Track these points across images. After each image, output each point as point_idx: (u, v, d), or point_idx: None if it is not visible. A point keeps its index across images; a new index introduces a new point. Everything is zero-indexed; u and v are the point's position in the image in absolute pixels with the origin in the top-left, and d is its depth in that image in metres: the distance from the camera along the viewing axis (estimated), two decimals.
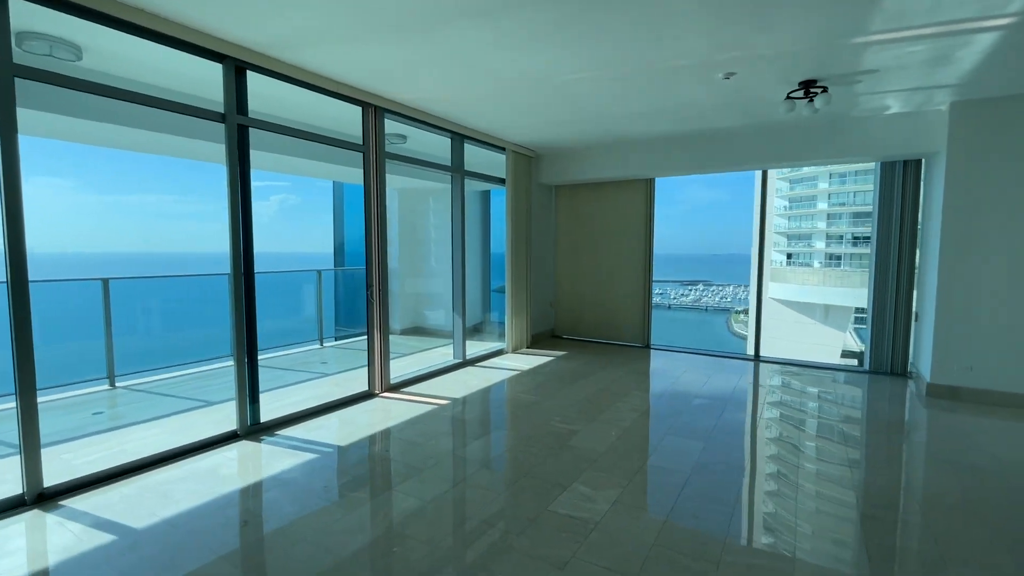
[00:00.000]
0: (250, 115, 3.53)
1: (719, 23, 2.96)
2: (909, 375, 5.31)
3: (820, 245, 38.25)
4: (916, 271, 5.23)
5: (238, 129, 3.45)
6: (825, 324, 31.54)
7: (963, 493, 2.81)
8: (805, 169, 36.01)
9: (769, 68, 3.66)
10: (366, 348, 4.60)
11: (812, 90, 3.95)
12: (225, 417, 3.92)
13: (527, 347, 6.71)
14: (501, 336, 6.72)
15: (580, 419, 4.01)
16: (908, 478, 3.08)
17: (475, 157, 5.96)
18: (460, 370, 5.58)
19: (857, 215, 36.40)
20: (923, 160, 5.11)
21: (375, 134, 4.49)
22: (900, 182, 5.23)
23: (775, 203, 39.84)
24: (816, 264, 38.19)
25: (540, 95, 4.36)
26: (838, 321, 31.35)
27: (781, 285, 34.40)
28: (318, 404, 4.18)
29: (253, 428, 3.65)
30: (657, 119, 5.14)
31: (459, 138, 5.62)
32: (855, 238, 36.79)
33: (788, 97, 4.10)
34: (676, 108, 4.72)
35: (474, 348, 6.21)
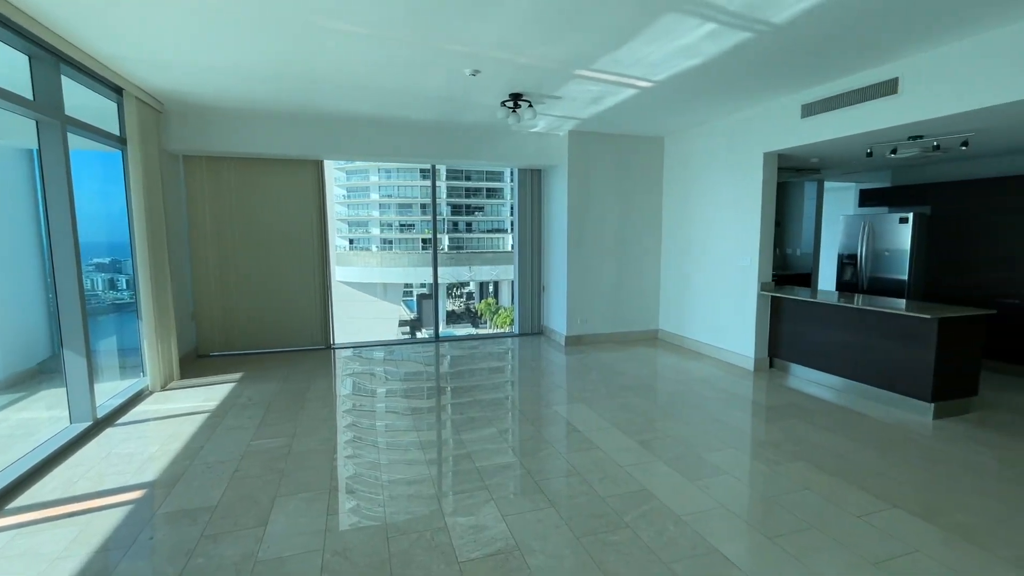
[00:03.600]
0: None
1: (528, 23, 3.05)
2: (542, 332, 7.07)
3: (376, 231, 43.14)
4: (541, 254, 6.95)
5: None
6: (385, 300, 36.56)
7: (620, 385, 4.16)
8: (358, 162, 39.64)
9: (506, 74, 4.01)
10: None
11: (519, 102, 4.58)
12: None
13: (179, 378, 4.81)
14: (120, 370, 4.56)
15: (363, 456, 3.37)
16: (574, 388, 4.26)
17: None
18: (99, 438, 3.48)
19: (402, 206, 42.90)
20: (542, 170, 6.79)
21: None
22: (529, 186, 6.78)
23: (335, 192, 42.15)
24: (374, 248, 42.97)
25: (259, 24, 3.19)
26: (394, 296, 37.02)
27: (347, 268, 37.26)
28: None
29: None
30: (363, 96, 4.65)
31: (51, 58, 3.33)
32: (402, 225, 43.35)
33: (503, 105, 4.60)
34: (394, 90, 4.43)
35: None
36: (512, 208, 6.94)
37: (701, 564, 2.15)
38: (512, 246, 7.05)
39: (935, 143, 4.23)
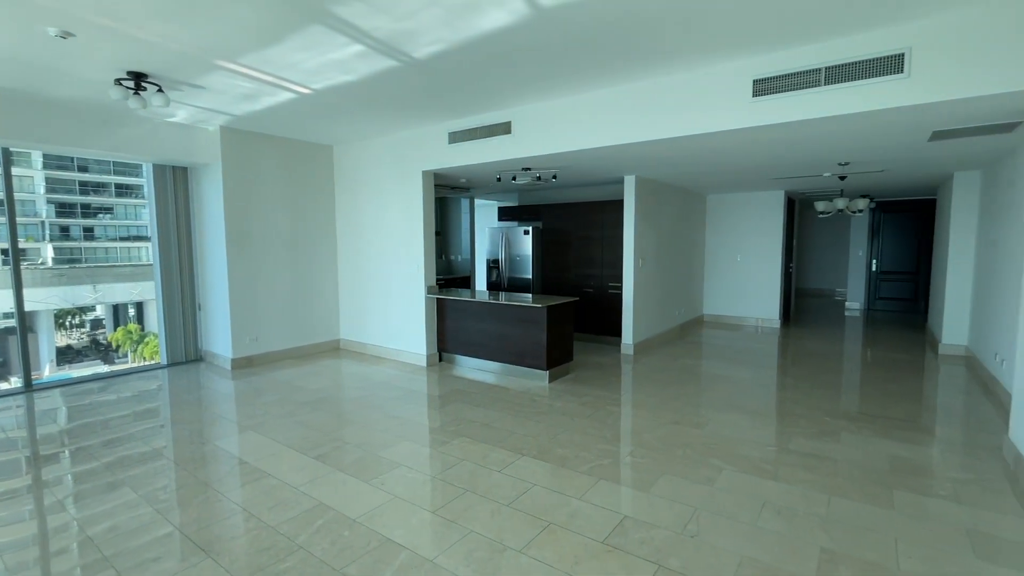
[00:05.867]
0: None
1: None
2: (202, 359, 6.01)
3: None
4: (195, 266, 5.91)
5: None
6: None
7: (303, 402, 4.12)
8: None
9: (118, 47, 3.24)
10: None
11: (143, 84, 3.77)
12: None
13: None
14: None
15: None
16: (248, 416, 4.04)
17: None
18: None
19: None
20: (188, 168, 5.77)
21: None
22: (172, 186, 5.66)
23: None
24: None
25: None
26: None
27: None
28: None
29: None
30: None
31: None
32: None
33: (119, 83, 3.67)
34: None
35: None
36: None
37: (374, 558, 2.27)
38: (156, 258, 5.74)
39: (538, 175, 5.61)
